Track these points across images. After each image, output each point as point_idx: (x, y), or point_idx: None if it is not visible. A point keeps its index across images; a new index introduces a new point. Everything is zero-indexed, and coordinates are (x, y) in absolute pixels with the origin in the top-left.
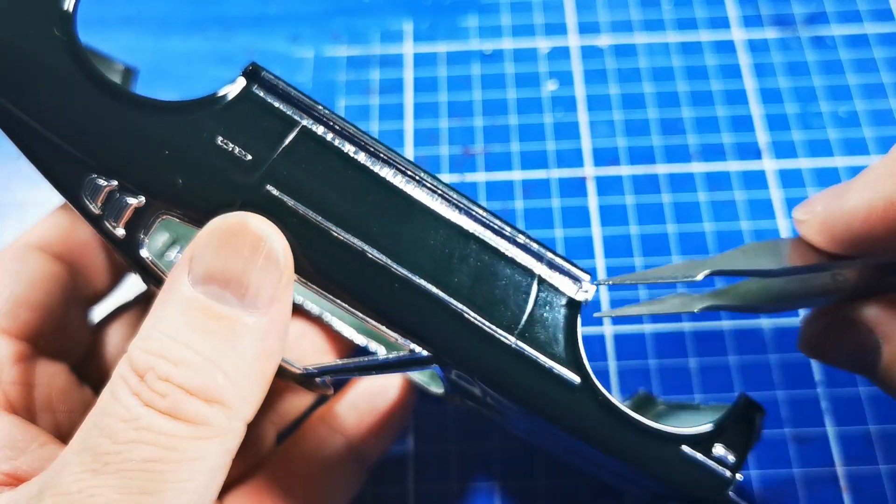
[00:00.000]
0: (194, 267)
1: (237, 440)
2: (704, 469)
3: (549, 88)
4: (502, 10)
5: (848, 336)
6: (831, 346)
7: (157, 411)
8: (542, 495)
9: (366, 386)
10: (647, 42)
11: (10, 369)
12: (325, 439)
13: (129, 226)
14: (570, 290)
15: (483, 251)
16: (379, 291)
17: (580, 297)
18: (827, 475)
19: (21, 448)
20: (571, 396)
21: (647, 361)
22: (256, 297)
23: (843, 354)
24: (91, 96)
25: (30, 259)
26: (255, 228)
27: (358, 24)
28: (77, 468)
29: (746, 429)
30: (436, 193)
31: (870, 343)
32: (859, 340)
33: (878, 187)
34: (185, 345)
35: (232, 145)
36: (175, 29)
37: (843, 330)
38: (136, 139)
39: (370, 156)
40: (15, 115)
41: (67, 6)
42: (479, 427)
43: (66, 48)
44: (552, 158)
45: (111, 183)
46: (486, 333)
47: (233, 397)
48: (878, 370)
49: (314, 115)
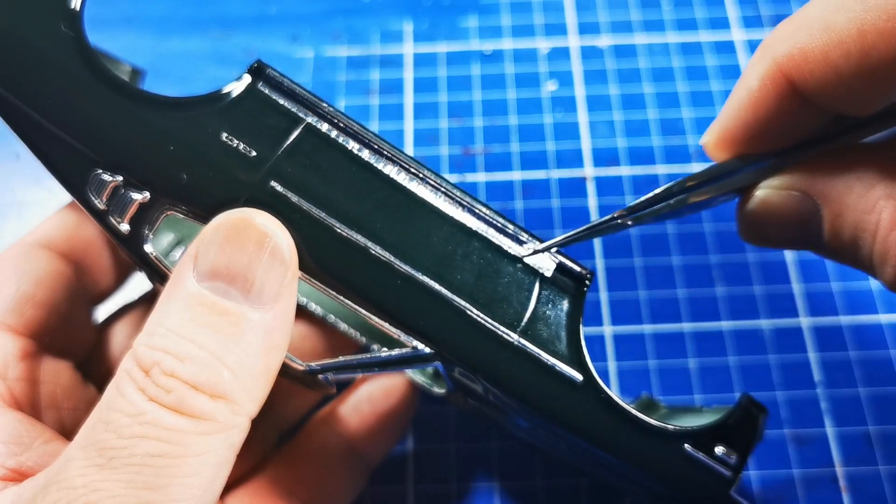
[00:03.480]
0: (199, 263)
1: (242, 435)
2: (706, 468)
3: (548, 89)
4: (502, 10)
5: (784, 209)
6: (770, 226)
7: (163, 406)
8: (541, 495)
9: (368, 388)
10: (646, 42)
11: (15, 366)
12: (327, 441)
13: (133, 221)
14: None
15: (486, 248)
16: (382, 288)
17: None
18: (827, 476)
19: (26, 444)
20: (573, 394)
21: (646, 362)
22: (261, 293)
23: (785, 231)
24: (97, 92)
25: (36, 257)
26: (260, 224)
27: (358, 24)
28: (82, 463)
29: (748, 429)
30: (439, 191)
31: (808, 208)
32: (797, 210)
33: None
34: (190, 340)
35: (237, 141)
36: (175, 29)
37: (779, 205)
38: (141, 134)
39: (374, 153)
40: (21, 110)
41: (74, 5)
42: (479, 427)
43: (74, 44)
44: (552, 159)
45: (116, 178)
46: (489, 330)
47: (238, 392)
48: (823, 237)
49: (318, 112)
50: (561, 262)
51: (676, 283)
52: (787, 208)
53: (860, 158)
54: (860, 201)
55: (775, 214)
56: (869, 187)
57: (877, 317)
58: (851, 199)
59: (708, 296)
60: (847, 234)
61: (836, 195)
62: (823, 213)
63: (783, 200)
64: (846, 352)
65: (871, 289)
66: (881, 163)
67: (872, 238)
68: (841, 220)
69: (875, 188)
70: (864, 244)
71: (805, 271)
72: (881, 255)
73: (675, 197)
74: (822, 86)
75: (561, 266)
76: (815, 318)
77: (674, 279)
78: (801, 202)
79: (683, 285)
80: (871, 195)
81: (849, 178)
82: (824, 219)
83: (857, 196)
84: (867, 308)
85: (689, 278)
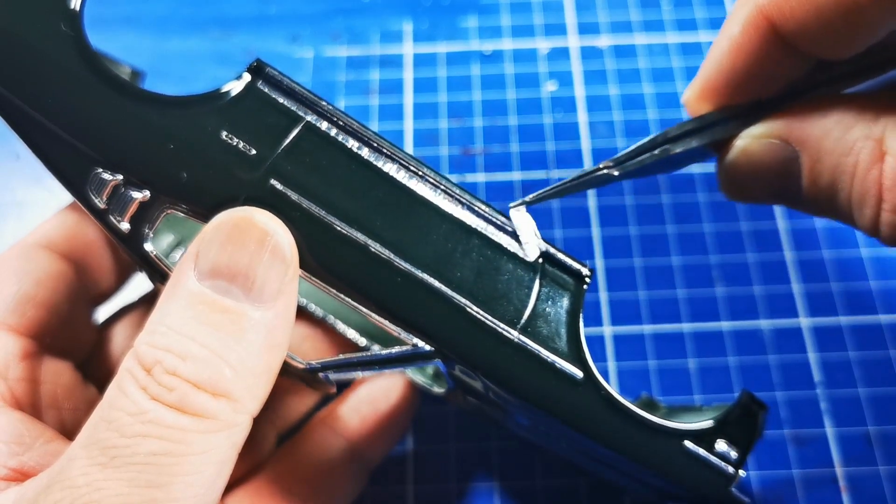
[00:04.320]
0: (200, 261)
1: (243, 434)
2: (707, 465)
3: (548, 89)
4: (502, 10)
5: (764, 157)
6: (751, 177)
7: (165, 405)
8: (541, 495)
9: (368, 389)
10: (646, 43)
11: (16, 366)
12: (326, 441)
13: (133, 220)
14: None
15: (485, 246)
16: (382, 286)
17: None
18: (826, 476)
19: (27, 444)
20: (574, 391)
21: (646, 362)
22: (262, 291)
23: (765, 183)
24: (97, 91)
25: (36, 257)
26: (260, 223)
27: (358, 24)
28: (85, 462)
29: (749, 425)
30: (438, 189)
31: (787, 156)
32: (776, 158)
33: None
34: (191, 339)
35: (237, 140)
36: (175, 29)
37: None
38: (141, 133)
39: (373, 151)
40: (22, 110)
41: (74, 5)
42: (479, 427)
43: (74, 44)
44: (552, 159)
45: (116, 177)
46: (489, 328)
47: (239, 391)
48: (803, 185)
49: (318, 110)
50: (561, 260)
51: (676, 283)
52: (766, 157)
53: (838, 103)
54: (838, 144)
55: (755, 164)
56: (847, 129)
57: (877, 317)
58: (829, 143)
59: (708, 296)
60: (826, 179)
61: (815, 140)
62: (802, 159)
63: (763, 149)
64: (846, 352)
65: (871, 289)
66: (859, 105)
67: (851, 180)
68: (819, 165)
69: (853, 129)
70: (843, 188)
71: (805, 271)
72: (859, 197)
73: (660, 147)
74: (803, 25)
75: (561, 263)
76: (814, 319)
77: (674, 279)
78: (781, 150)
79: (683, 285)
80: (849, 137)
81: (827, 122)
82: (803, 166)
83: (836, 139)
84: (867, 308)
85: (689, 278)
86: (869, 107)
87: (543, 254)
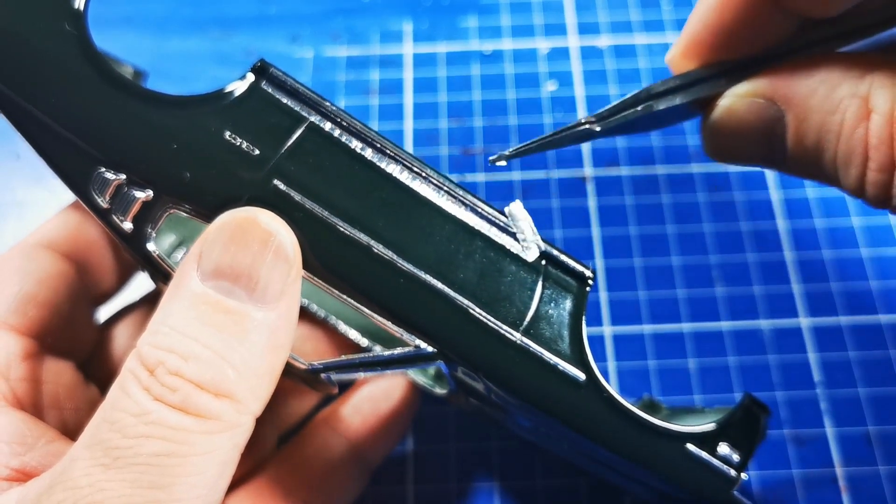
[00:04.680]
0: (203, 262)
1: (246, 434)
2: (709, 468)
3: (548, 89)
4: (502, 10)
5: (749, 117)
6: (735, 137)
7: (168, 405)
8: (541, 495)
9: (369, 389)
10: (646, 43)
11: (18, 366)
12: (328, 442)
13: (136, 220)
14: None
15: (488, 247)
16: (384, 286)
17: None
18: (826, 476)
19: (29, 444)
20: (576, 393)
21: (646, 362)
22: (265, 292)
23: (749, 143)
24: (100, 90)
25: (38, 257)
26: (264, 223)
27: (358, 24)
28: (87, 462)
29: (751, 428)
30: (441, 190)
31: (772, 115)
32: (761, 117)
33: None
34: (194, 339)
35: (240, 140)
36: (175, 29)
37: (743, 112)
38: (144, 133)
39: (377, 152)
40: (25, 109)
41: (78, 5)
42: (480, 427)
43: (77, 43)
44: (551, 159)
45: (119, 177)
46: (492, 329)
47: (242, 391)
48: (788, 146)
49: (322, 111)
50: (563, 261)
51: (676, 283)
52: (751, 116)
53: (824, 62)
54: (824, 102)
55: (739, 123)
56: (833, 88)
57: (877, 317)
58: (815, 101)
59: (708, 296)
60: (811, 138)
61: (800, 99)
62: (787, 119)
63: (747, 108)
64: (846, 352)
65: (870, 289)
66: (846, 64)
67: (836, 139)
68: (805, 125)
69: (839, 88)
70: (829, 147)
71: (805, 271)
72: (845, 156)
73: (643, 103)
74: None
75: (563, 265)
76: (814, 319)
77: (674, 279)
78: (766, 109)
79: (683, 285)
80: (835, 95)
81: (812, 80)
82: (788, 126)
83: (821, 98)
84: (867, 308)
85: (689, 278)
86: (855, 65)
87: (546, 255)
